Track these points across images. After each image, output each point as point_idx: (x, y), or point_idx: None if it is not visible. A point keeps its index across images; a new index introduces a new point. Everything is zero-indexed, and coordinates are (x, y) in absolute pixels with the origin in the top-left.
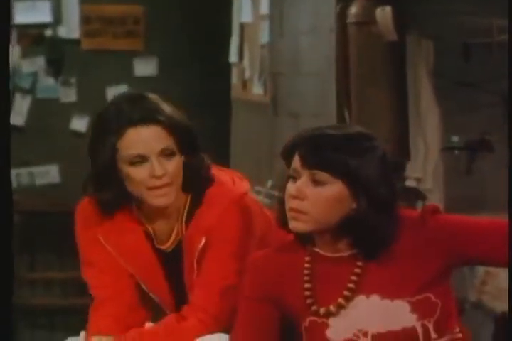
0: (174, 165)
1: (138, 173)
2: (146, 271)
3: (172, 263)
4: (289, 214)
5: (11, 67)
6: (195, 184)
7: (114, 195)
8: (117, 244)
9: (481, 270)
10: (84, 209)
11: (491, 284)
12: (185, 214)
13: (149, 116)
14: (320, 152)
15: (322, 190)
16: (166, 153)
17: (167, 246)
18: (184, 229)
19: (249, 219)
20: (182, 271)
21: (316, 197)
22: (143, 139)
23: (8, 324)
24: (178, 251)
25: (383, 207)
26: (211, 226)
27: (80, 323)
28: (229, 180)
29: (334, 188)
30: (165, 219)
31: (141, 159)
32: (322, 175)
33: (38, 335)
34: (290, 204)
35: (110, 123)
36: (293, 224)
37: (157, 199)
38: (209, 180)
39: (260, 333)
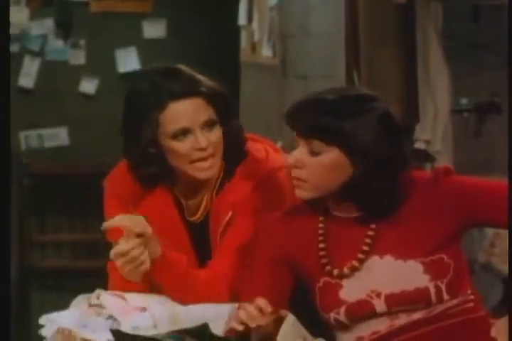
0: (216, 135)
1: (182, 147)
2: (174, 242)
3: (200, 234)
4: (293, 182)
5: (20, 29)
6: (234, 153)
7: (157, 170)
8: (148, 215)
9: (490, 232)
10: (117, 176)
11: (499, 246)
12: (216, 187)
13: (190, 89)
14: (310, 118)
15: (319, 158)
16: (209, 124)
17: (196, 217)
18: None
19: (280, 195)
20: (209, 242)
21: (313, 166)
22: (186, 112)
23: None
24: (206, 223)
25: (384, 170)
26: (239, 201)
27: (88, 285)
28: (263, 153)
29: (330, 155)
30: (198, 192)
31: (184, 132)
32: (317, 145)
33: (47, 297)
34: (292, 172)
35: (149, 98)
36: (297, 192)
37: (202, 172)
38: (244, 153)
39: (272, 294)
